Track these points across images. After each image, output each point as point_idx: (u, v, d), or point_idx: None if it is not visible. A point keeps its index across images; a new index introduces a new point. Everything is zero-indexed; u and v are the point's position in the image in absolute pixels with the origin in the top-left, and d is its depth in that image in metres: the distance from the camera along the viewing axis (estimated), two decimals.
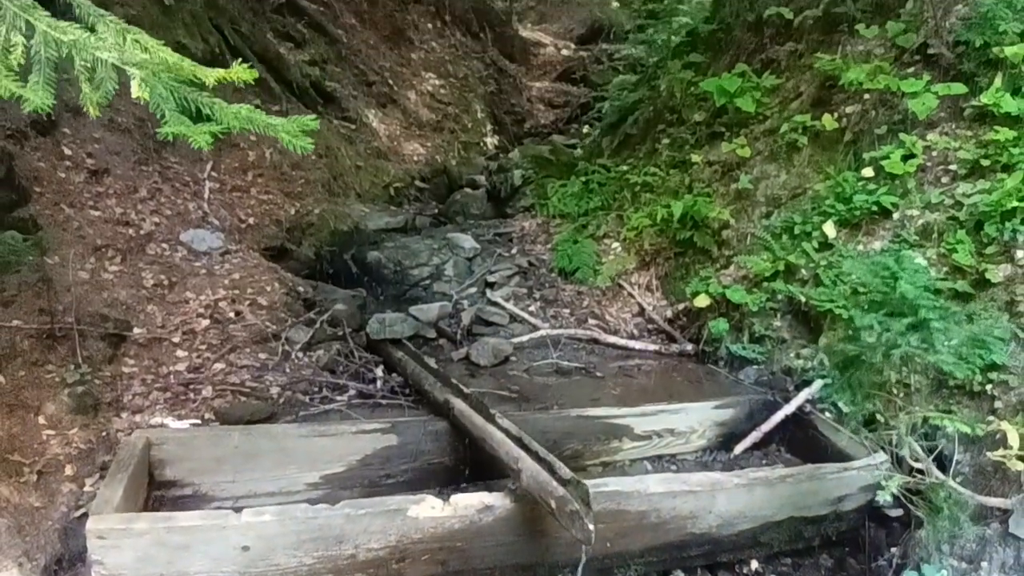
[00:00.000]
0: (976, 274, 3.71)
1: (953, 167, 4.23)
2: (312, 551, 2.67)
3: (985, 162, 4.05)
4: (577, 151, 7.99)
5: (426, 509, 2.75)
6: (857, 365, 3.10)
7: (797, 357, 4.27)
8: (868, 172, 4.48)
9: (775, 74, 5.59)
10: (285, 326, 4.46)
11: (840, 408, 3.77)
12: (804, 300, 4.26)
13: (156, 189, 5.39)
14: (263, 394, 3.87)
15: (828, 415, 3.84)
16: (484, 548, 2.89)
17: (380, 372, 4.31)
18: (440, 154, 9.02)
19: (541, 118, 11.74)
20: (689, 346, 4.94)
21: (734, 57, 6.04)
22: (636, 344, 5.04)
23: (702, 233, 5.25)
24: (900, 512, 3.32)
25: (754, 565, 3.40)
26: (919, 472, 2.96)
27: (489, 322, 5.22)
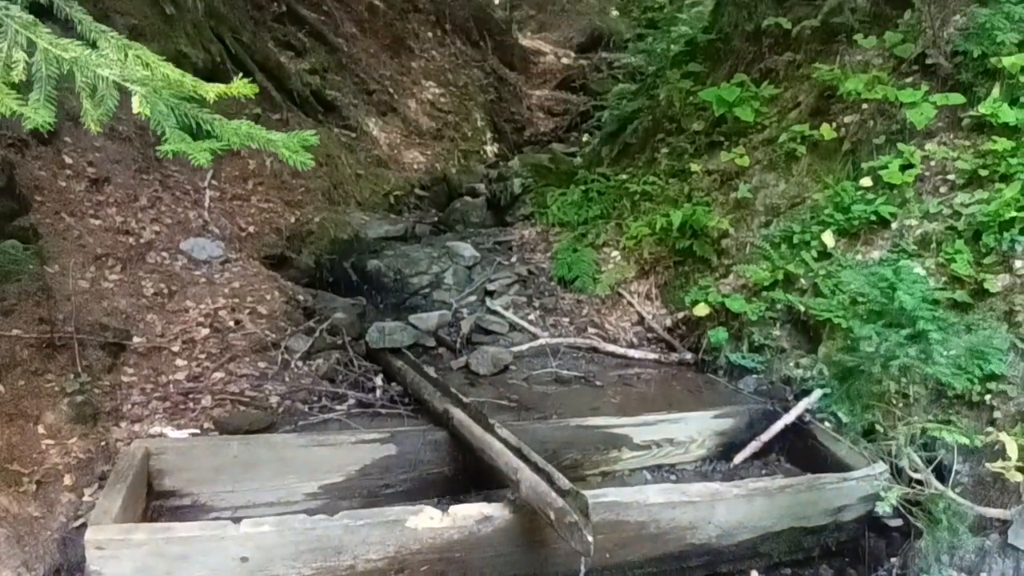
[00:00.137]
0: (975, 284, 3.72)
1: (951, 177, 4.24)
2: (311, 562, 2.67)
3: (983, 172, 4.07)
4: (577, 160, 8.01)
5: (425, 520, 2.75)
6: (856, 375, 3.10)
7: (796, 366, 4.27)
8: (866, 182, 4.50)
9: (774, 84, 5.62)
10: (285, 335, 4.46)
11: (840, 418, 3.77)
12: (803, 309, 4.27)
13: (156, 198, 5.41)
14: (262, 403, 3.87)
15: (827, 425, 3.84)
16: (483, 559, 2.88)
17: (379, 381, 4.31)
18: (440, 162, 9.05)
19: (541, 126, 11.78)
20: (688, 355, 4.94)
21: (733, 67, 6.06)
22: (635, 353, 5.04)
23: (701, 242, 5.26)
24: (900, 522, 3.32)
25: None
26: (918, 483, 2.96)
27: (489, 331, 5.22)
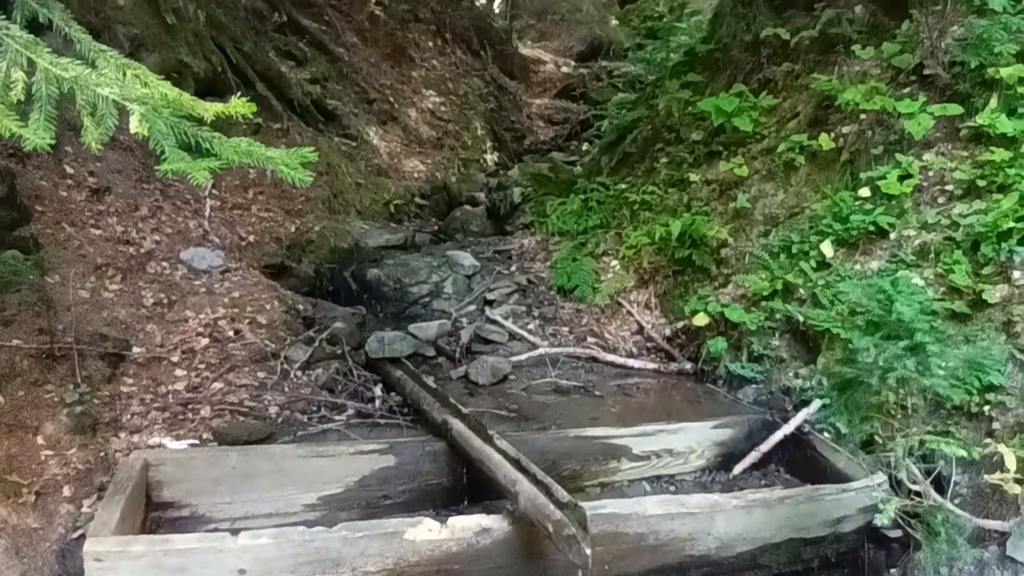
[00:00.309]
0: (973, 294, 3.72)
1: (949, 187, 4.25)
2: (309, 574, 2.66)
3: (981, 182, 4.07)
4: (576, 169, 8.02)
5: (423, 532, 2.75)
6: (854, 387, 3.11)
7: (796, 376, 4.27)
8: (865, 192, 4.50)
9: (772, 94, 5.63)
10: (284, 344, 4.47)
11: (839, 428, 3.77)
12: (802, 319, 4.27)
13: (157, 207, 5.43)
14: (261, 414, 3.87)
15: (827, 435, 3.84)
16: (481, 571, 2.87)
17: (379, 391, 4.31)
18: (440, 171, 9.07)
19: (541, 135, 11.81)
20: (688, 365, 4.94)
21: (731, 77, 6.08)
22: (635, 363, 5.04)
23: (700, 251, 5.26)
24: (899, 534, 3.31)
25: None
26: (917, 495, 2.95)
27: (488, 340, 5.23)
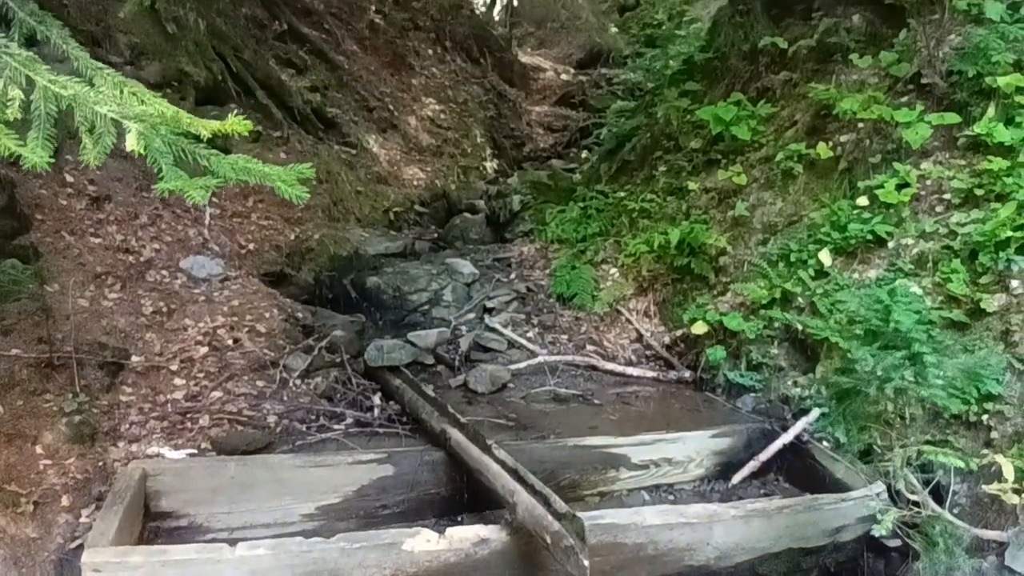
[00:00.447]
0: (971, 304, 3.72)
1: (947, 196, 4.26)
2: None
3: (979, 191, 4.08)
4: (576, 176, 8.04)
5: (421, 542, 2.74)
6: (852, 396, 3.11)
7: (795, 385, 4.27)
8: (863, 201, 4.51)
9: (770, 102, 5.65)
10: (283, 353, 4.47)
11: (838, 437, 3.76)
12: (801, 328, 4.27)
13: (157, 215, 5.43)
14: (260, 423, 3.87)
15: (826, 444, 3.84)
16: None
17: (378, 400, 4.31)
18: (440, 178, 9.09)
19: (540, 142, 11.84)
20: (687, 373, 4.94)
21: (730, 85, 6.10)
22: (634, 371, 5.04)
23: (699, 260, 5.27)
24: (898, 543, 3.30)
25: None
26: (915, 504, 2.95)
27: (487, 348, 5.23)
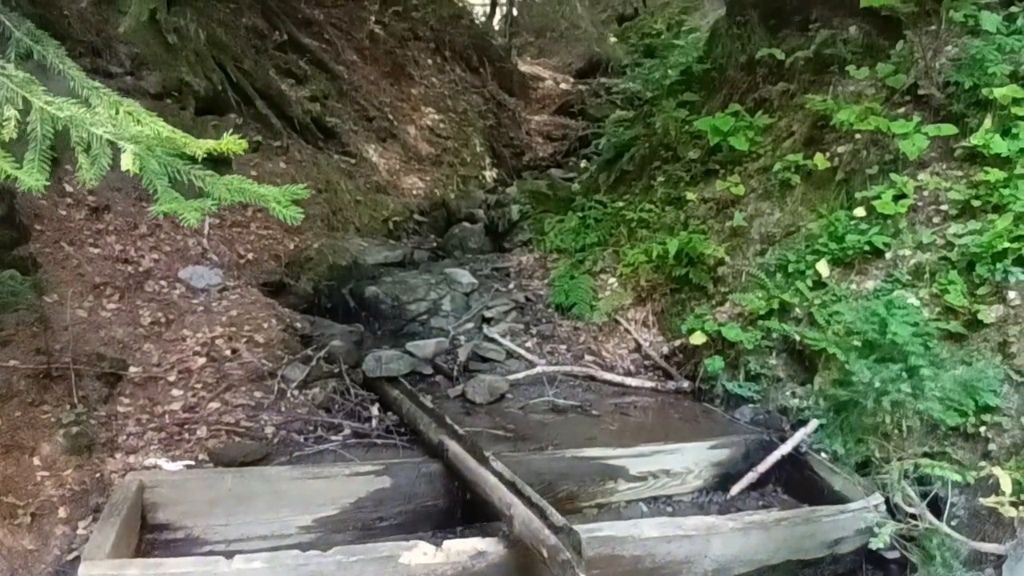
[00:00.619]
0: (969, 315, 3.72)
1: (944, 207, 4.26)
2: None
3: (976, 203, 4.09)
4: (574, 186, 8.07)
5: (418, 556, 2.74)
6: (850, 408, 3.11)
7: (793, 396, 4.26)
8: (860, 211, 4.52)
9: (768, 113, 5.67)
10: (281, 363, 4.47)
11: (836, 449, 3.76)
12: (799, 339, 4.27)
13: (156, 225, 5.44)
14: (258, 434, 3.86)
15: (824, 455, 3.83)
16: None
17: (376, 411, 4.31)
18: (439, 188, 9.11)
19: (540, 151, 11.86)
20: (685, 383, 4.93)
21: (727, 96, 6.12)
22: (632, 381, 5.04)
23: (698, 270, 5.27)
24: (897, 554, 3.30)
25: None
26: (913, 517, 2.95)
27: (486, 358, 5.22)
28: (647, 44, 10.51)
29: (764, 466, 3.93)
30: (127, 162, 1.41)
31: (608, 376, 5.08)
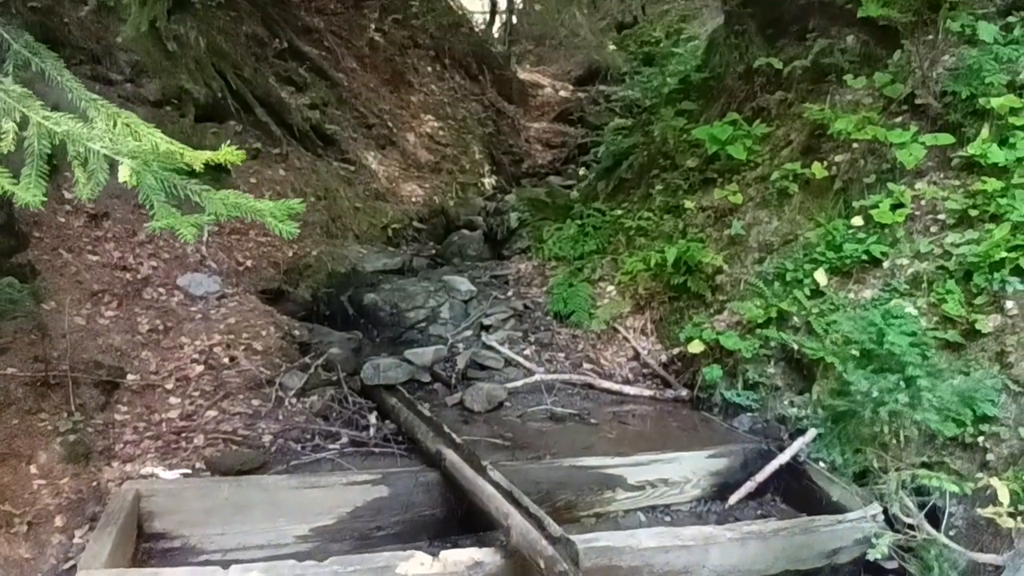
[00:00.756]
0: (966, 324, 3.72)
1: (942, 216, 4.27)
2: None
3: (973, 212, 4.09)
4: (573, 194, 8.08)
5: (415, 566, 2.73)
6: (848, 418, 3.10)
7: (791, 405, 4.26)
8: (858, 220, 4.52)
9: (766, 122, 5.68)
10: (279, 371, 4.47)
11: (834, 459, 3.75)
12: (797, 348, 4.28)
13: (155, 233, 5.44)
14: (255, 442, 3.86)
15: (822, 465, 3.83)
16: None
17: (374, 419, 4.30)
18: (438, 195, 9.12)
19: (539, 158, 11.88)
20: (684, 392, 4.93)
21: (725, 105, 6.14)
22: (630, 389, 5.04)
23: (696, 278, 5.28)
24: (895, 565, 3.29)
25: None
26: (911, 527, 2.94)
27: (484, 366, 5.22)
28: (646, 52, 10.55)
29: (762, 475, 3.92)
30: (124, 174, 1.42)
31: (606, 384, 5.07)
